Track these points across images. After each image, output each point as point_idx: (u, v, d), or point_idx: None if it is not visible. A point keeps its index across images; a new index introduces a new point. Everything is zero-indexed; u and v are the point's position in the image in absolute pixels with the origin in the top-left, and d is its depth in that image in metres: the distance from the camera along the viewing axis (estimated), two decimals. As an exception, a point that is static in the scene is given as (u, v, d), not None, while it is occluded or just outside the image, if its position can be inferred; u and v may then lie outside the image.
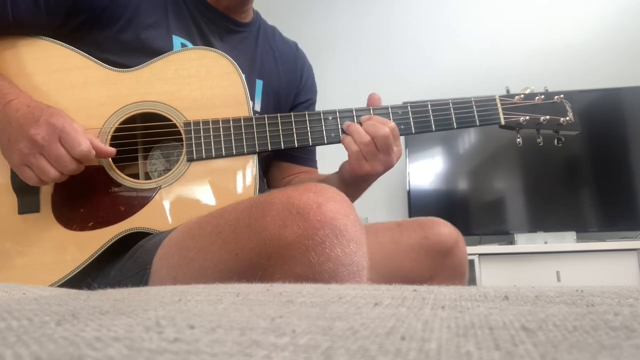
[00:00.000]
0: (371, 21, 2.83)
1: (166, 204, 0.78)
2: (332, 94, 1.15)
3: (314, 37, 2.69)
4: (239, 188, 0.81)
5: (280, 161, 1.07)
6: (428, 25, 2.77)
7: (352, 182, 0.88)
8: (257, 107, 0.97)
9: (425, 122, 0.89)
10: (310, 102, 1.12)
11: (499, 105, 0.92)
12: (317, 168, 1.11)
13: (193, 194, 0.80)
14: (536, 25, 2.64)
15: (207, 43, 0.91)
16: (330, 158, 1.12)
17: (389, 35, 2.80)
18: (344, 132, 0.86)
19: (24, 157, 0.71)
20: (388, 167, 0.84)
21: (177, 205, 0.79)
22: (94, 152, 0.73)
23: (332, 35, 2.83)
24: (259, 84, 0.98)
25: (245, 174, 0.82)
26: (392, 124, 0.84)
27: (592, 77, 2.44)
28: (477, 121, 0.90)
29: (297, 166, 1.07)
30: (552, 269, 2.06)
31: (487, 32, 2.69)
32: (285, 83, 1.04)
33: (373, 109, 0.88)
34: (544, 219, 2.33)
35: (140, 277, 0.68)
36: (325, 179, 0.95)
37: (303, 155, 1.08)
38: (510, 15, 2.69)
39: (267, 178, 1.07)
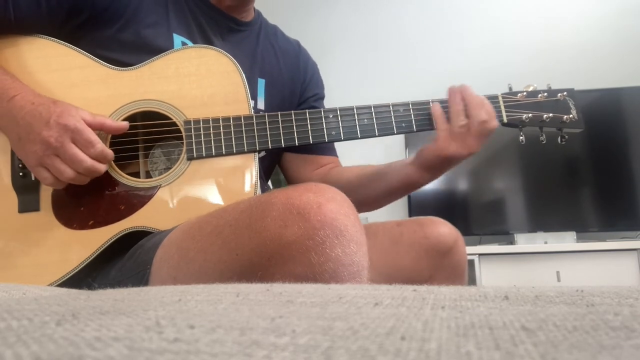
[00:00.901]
0: (372, 21, 2.83)
1: (166, 203, 0.78)
2: (333, 93, 1.15)
3: (314, 37, 2.69)
4: (240, 187, 0.81)
5: (303, 153, 1.06)
6: (430, 24, 2.77)
7: (432, 166, 0.88)
8: (261, 106, 0.97)
9: (426, 120, 0.89)
10: (318, 97, 1.11)
11: (501, 102, 0.92)
12: (337, 156, 1.11)
13: (193, 192, 0.80)
14: (536, 25, 2.64)
15: (208, 42, 0.91)
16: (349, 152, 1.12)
17: (390, 34, 2.80)
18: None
19: (39, 159, 0.72)
20: (472, 152, 0.85)
21: (178, 204, 0.79)
22: (109, 152, 0.75)
23: (333, 34, 2.83)
24: (261, 82, 0.98)
25: (245, 173, 0.82)
26: (495, 122, 0.86)
27: (592, 77, 2.44)
28: None
29: (323, 156, 1.07)
30: (552, 269, 2.07)
31: (487, 32, 2.69)
32: (288, 81, 1.04)
33: (374, 107, 0.88)
34: (544, 219, 2.33)
35: (140, 277, 0.68)
36: (387, 167, 0.95)
37: (324, 145, 1.07)
38: (510, 15, 2.69)
39: (287, 173, 1.07)
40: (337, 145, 0.92)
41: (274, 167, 1.08)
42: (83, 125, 0.72)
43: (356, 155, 1.80)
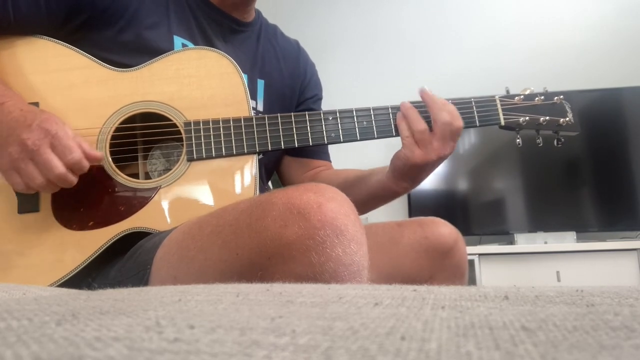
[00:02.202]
0: (371, 22, 2.83)
1: (166, 204, 0.78)
2: (332, 94, 1.15)
3: (314, 38, 2.69)
4: (239, 188, 0.81)
5: (297, 157, 1.06)
6: (428, 25, 2.77)
7: (405, 174, 0.86)
8: (260, 107, 0.97)
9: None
10: (317, 98, 1.12)
11: (499, 105, 0.92)
12: (330, 161, 1.11)
13: (193, 193, 0.80)
14: (536, 25, 2.64)
15: (209, 43, 0.91)
16: (344, 153, 1.12)
17: (389, 35, 2.80)
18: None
19: (13, 162, 0.70)
20: (441, 156, 0.83)
21: (177, 205, 0.79)
22: (86, 162, 0.72)
23: (332, 35, 2.83)
24: (261, 83, 0.98)
25: (245, 174, 0.82)
26: (460, 122, 0.84)
27: (592, 77, 2.44)
28: (477, 121, 0.90)
29: (315, 160, 1.07)
30: (552, 269, 2.07)
31: (487, 32, 2.69)
32: (288, 81, 1.04)
33: (373, 109, 0.88)
34: (544, 219, 2.33)
35: (140, 277, 0.68)
36: (369, 174, 0.94)
37: (317, 149, 1.08)
38: (510, 15, 2.69)
39: (282, 174, 1.08)
40: (338, 146, 0.92)
41: (274, 169, 1.08)
42: (65, 132, 0.70)
43: (355, 156, 1.80)
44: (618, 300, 0.28)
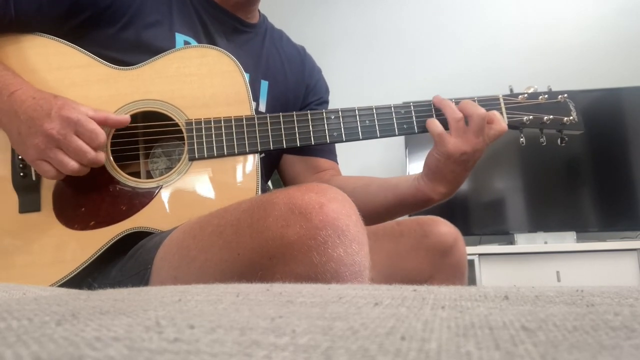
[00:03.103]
0: (372, 22, 2.83)
1: (168, 203, 0.78)
2: (333, 94, 1.15)
3: (314, 38, 2.69)
4: (241, 187, 0.81)
5: (302, 155, 1.04)
6: (428, 25, 2.77)
7: (439, 171, 0.84)
8: (262, 108, 0.97)
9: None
10: (322, 101, 1.10)
11: (502, 104, 0.91)
12: (337, 162, 1.09)
13: (195, 193, 0.80)
14: (536, 25, 2.64)
15: (212, 42, 0.91)
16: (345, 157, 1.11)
17: (391, 35, 2.80)
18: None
19: (41, 152, 0.72)
20: (476, 149, 0.82)
21: (179, 205, 0.79)
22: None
23: (333, 35, 2.83)
24: (264, 84, 0.98)
25: (247, 173, 0.82)
26: (503, 124, 0.85)
27: (592, 77, 2.43)
28: None
29: (321, 159, 1.05)
30: (552, 269, 2.06)
31: (487, 32, 2.69)
32: (293, 85, 1.04)
33: (376, 108, 0.88)
34: (544, 219, 2.33)
35: (140, 277, 0.68)
36: (399, 181, 0.92)
37: (324, 147, 1.05)
38: (510, 15, 2.69)
39: (284, 174, 1.06)
40: (338, 144, 0.92)
41: (274, 168, 1.08)
42: (85, 117, 0.72)
43: (353, 156, 1.80)
44: (618, 300, 0.28)
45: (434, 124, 0.85)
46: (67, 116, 0.71)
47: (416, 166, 2.46)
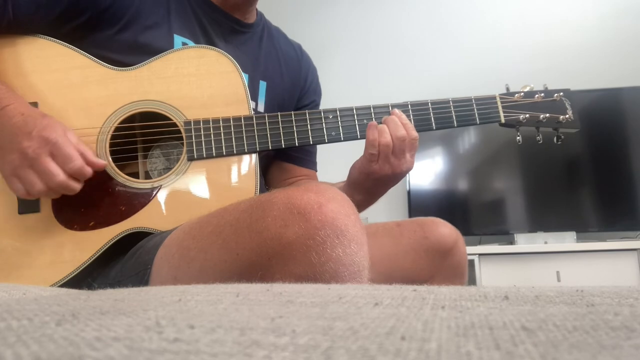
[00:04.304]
0: (371, 22, 2.83)
1: (167, 204, 0.78)
2: (332, 94, 1.16)
3: (313, 38, 2.69)
4: (240, 187, 0.81)
5: (282, 161, 1.06)
6: (428, 25, 2.77)
7: (360, 184, 0.87)
8: (261, 108, 0.97)
9: (425, 121, 0.89)
10: (315, 104, 1.12)
11: (499, 103, 0.92)
12: (316, 170, 1.11)
13: (194, 193, 0.80)
14: (536, 25, 2.64)
15: (210, 42, 0.91)
16: (332, 160, 1.12)
17: (389, 35, 2.80)
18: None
19: (14, 169, 0.71)
20: (396, 172, 0.84)
21: (178, 205, 0.79)
22: (89, 169, 0.72)
23: (332, 35, 2.83)
24: (263, 85, 0.98)
25: (246, 174, 0.82)
26: (415, 133, 0.84)
27: (592, 77, 2.44)
28: (478, 119, 0.91)
29: (298, 167, 1.07)
30: (552, 269, 2.06)
31: (487, 32, 2.69)
32: (288, 85, 1.04)
33: (373, 107, 0.88)
34: (544, 219, 2.33)
35: (140, 277, 0.68)
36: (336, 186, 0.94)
37: (303, 157, 1.08)
38: (510, 15, 2.69)
39: (266, 178, 1.07)
40: (335, 145, 0.92)
41: (266, 171, 1.08)
42: (65, 140, 0.71)
43: (352, 156, 1.80)
44: (618, 300, 0.28)
45: (373, 143, 0.84)
46: (46, 136, 0.70)
47: (416, 166, 2.45)
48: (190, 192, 0.79)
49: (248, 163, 0.82)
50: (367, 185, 0.87)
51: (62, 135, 0.71)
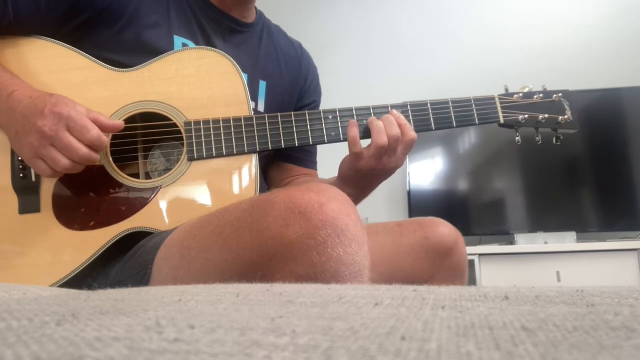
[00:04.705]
0: (371, 21, 2.83)
1: (167, 204, 0.78)
2: (332, 94, 1.16)
3: (313, 38, 2.69)
4: (240, 187, 0.81)
5: (281, 162, 1.06)
6: (428, 25, 2.77)
7: (349, 179, 0.87)
8: (261, 108, 0.97)
9: (425, 121, 0.89)
10: (315, 105, 1.12)
11: (497, 104, 0.92)
12: (316, 170, 1.11)
13: (194, 193, 0.80)
14: (536, 25, 2.64)
15: (210, 43, 0.91)
16: (332, 159, 1.12)
17: (389, 35, 2.80)
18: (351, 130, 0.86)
19: (35, 150, 0.72)
20: (385, 168, 0.84)
21: (178, 205, 0.79)
22: (105, 139, 0.73)
23: (332, 35, 2.83)
24: (262, 85, 0.98)
25: (246, 174, 0.82)
26: (413, 134, 0.85)
27: (591, 77, 2.44)
28: (477, 120, 0.91)
29: (298, 167, 1.07)
30: (552, 269, 2.06)
31: (487, 32, 2.69)
32: (288, 84, 1.04)
33: (373, 107, 0.88)
34: (544, 219, 2.33)
35: (141, 277, 0.68)
36: (324, 182, 0.94)
37: (303, 157, 1.08)
38: (509, 15, 2.69)
39: (266, 177, 1.07)
40: (338, 149, 0.92)
41: (265, 172, 1.08)
42: (77, 112, 0.72)
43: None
44: (618, 300, 0.28)
45: (354, 140, 0.85)
46: (58, 112, 0.71)
47: (416, 166, 2.46)
48: (190, 192, 0.80)
49: (248, 163, 0.82)
50: (356, 180, 0.88)
51: (73, 108, 0.72)
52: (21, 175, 0.78)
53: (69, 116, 0.71)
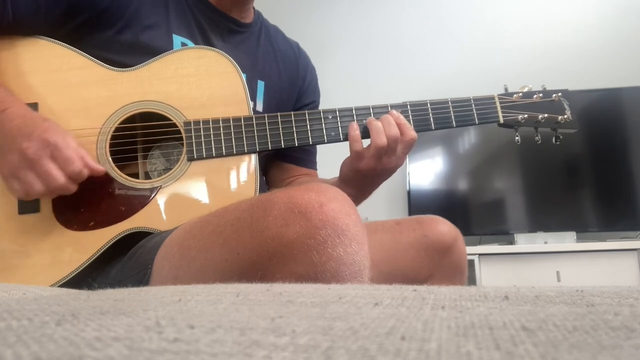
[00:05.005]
0: (371, 21, 2.83)
1: (167, 204, 0.78)
2: (331, 94, 1.16)
3: (313, 37, 2.69)
4: (240, 187, 0.81)
5: (281, 162, 1.06)
6: (428, 25, 2.77)
7: (349, 180, 0.88)
8: (260, 108, 0.97)
9: (424, 121, 0.89)
10: (314, 105, 1.12)
11: (497, 103, 0.92)
12: (316, 170, 1.11)
13: (194, 193, 0.80)
14: (536, 25, 2.64)
15: (209, 43, 0.91)
16: (332, 160, 1.12)
17: (389, 35, 2.80)
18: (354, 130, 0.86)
19: (13, 170, 0.71)
20: (385, 168, 0.84)
21: (178, 205, 0.79)
22: (86, 171, 0.73)
23: (332, 35, 2.83)
24: (261, 85, 0.98)
25: (245, 174, 0.82)
26: (413, 134, 0.85)
27: (591, 77, 2.44)
28: (476, 119, 0.91)
29: (298, 167, 1.07)
30: (552, 269, 2.06)
31: (487, 32, 2.69)
32: (287, 84, 1.04)
33: (372, 107, 0.88)
34: (544, 219, 2.33)
35: (141, 277, 0.68)
36: (325, 182, 0.94)
37: (304, 157, 1.08)
38: (509, 15, 2.69)
39: (267, 178, 1.07)
40: (338, 148, 0.92)
41: (264, 172, 1.08)
42: (65, 143, 0.71)
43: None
44: (618, 300, 0.28)
45: (355, 139, 0.85)
46: (46, 139, 0.70)
47: (416, 166, 2.46)
48: (190, 192, 0.79)
49: (248, 163, 0.82)
50: (357, 181, 0.88)
51: (62, 138, 0.71)
52: (21, 175, 0.78)
53: (56, 145, 0.70)
